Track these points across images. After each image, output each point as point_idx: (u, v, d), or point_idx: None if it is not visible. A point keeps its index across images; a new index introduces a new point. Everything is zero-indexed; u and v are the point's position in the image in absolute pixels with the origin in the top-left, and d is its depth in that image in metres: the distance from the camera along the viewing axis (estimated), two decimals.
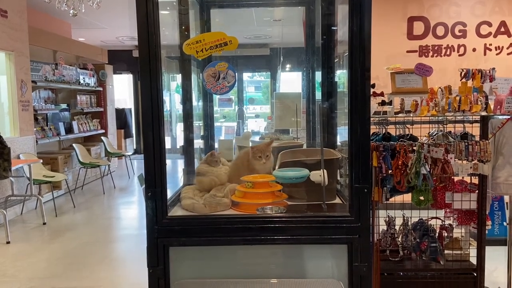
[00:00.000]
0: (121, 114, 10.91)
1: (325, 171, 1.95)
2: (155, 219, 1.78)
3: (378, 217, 2.84)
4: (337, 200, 2.15)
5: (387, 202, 2.82)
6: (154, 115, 1.74)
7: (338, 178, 2.31)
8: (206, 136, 3.04)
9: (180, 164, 2.75)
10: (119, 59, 10.70)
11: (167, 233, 1.80)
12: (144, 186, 1.77)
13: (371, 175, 2.57)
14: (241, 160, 2.25)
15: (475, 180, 2.89)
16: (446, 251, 2.97)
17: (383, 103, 2.85)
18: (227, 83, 1.86)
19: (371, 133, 2.62)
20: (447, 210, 3.00)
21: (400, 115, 2.84)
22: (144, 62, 1.71)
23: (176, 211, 2.00)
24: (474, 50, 5.55)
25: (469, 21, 5.53)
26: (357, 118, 1.74)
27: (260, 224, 1.81)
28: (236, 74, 1.90)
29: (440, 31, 5.56)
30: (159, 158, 1.76)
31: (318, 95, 2.96)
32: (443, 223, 3.03)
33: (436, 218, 3.03)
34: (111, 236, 5.22)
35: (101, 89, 9.15)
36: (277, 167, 2.21)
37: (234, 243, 1.81)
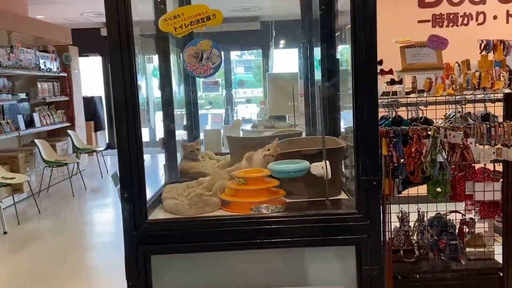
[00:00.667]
0: (90, 103, 10.82)
1: (327, 162, 1.95)
2: (133, 224, 1.77)
3: (390, 213, 2.86)
4: (343, 195, 2.16)
5: (400, 195, 2.84)
6: (128, 103, 1.72)
7: (343, 170, 2.31)
8: (189, 126, 3.02)
9: (161, 159, 2.74)
10: (85, 39, 10.58)
11: (148, 239, 1.79)
12: (119, 186, 1.76)
13: (380, 165, 2.58)
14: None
15: (499, 167, 2.92)
16: (467, 249, 3.01)
17: (392, 82, 2.85)
18: (212, 64, 1.85)
19: (379, 117, 2.62)
20: (468, 203, 3.03)
21: (412, 95, 2.85)
22: (114, 42, 1.69)
23: (157, 214, 2.00)
24: (495, 18, 5.56)
25: None
26: (363, 100, 1.74)
27: (255, 225, 1.81)
28: (222, 53, 1.89)
29: None
30: (135, 153, 1.75)
31: (318, 74, 2.95)
32: (464, 217, 3.06)
33: (456, 212, 3.05)
34: (83, 244, 5.21)
35: (65, 74, 9.06)
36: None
37: (225, 248, 1.81)
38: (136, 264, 1.78)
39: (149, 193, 2.08)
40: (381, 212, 2.40)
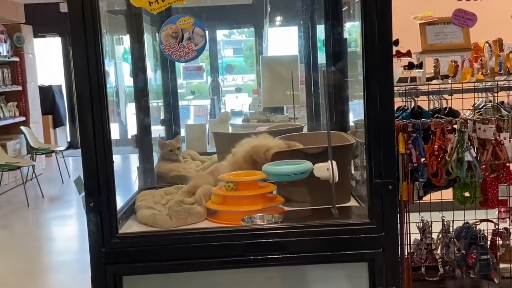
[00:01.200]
0: (47, 94, 10.79)
1: (334, 162, 1.96)
2: (101, 239, 1.77)
3: (409, 222, 2.88)
4: (352, 202, 2.17)
5: (420, 201, 2.85)
6: (94, 93, 1.72)
7: (353, 171, 2.32)
8: (168, 121, 3.03)
9: (134, 160, 2.74)
10: (41, 17, 10.54)
11: (119, 257, 1.79)
12: (83, 193, 1.75)
13: (397, 166, 2.59)
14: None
15: None
16: (501, 265, 3.03)
17: (410, 66, 2.86)
18: (194, 46, 1.85)
19: (395, 108, 2.63)
20: (502, 210, 3.05)
21: (434, 81, 2.86)
22: (76, 19, 1.69)
23: (130, 227, 2.00)
24: None
25: None
26: (376, 88, 1.75)
27: (248, 239, 1.81)
28: (207, 32, 1.89)
29: None
30: (103, 154, 1.75)
31: (322, 57, 2.96)
32: (497, 227, 3.08)
33: (487, 220, 3.07)
34: (41, 264, 5.20)
35: (17, 59, 9.02)
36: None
37: (212, 267, 1.81)
38: (105, 286, 1.78)
39: (120, 202, 2.08)
40: (399, 221, 2.41)
